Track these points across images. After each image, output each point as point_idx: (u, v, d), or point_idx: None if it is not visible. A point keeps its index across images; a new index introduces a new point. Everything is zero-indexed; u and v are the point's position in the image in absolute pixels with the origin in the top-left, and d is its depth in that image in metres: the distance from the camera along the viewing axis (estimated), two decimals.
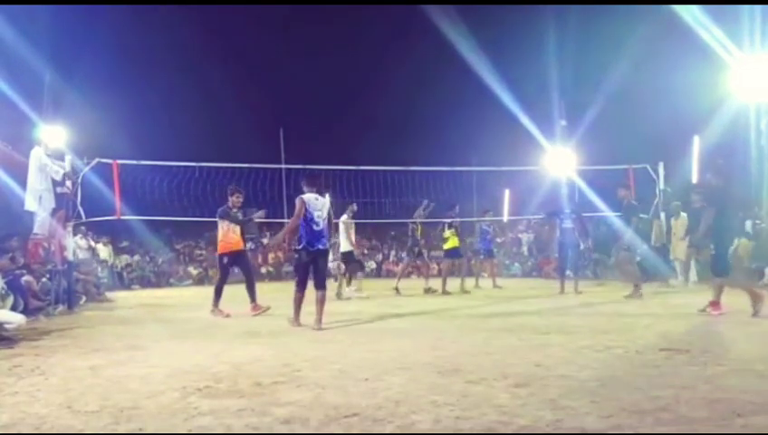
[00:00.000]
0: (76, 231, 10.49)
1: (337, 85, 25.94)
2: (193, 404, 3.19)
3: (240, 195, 8.34)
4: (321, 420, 2.86)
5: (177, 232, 21.49)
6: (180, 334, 6.26)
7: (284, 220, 7.34)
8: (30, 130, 10.62)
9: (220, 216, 8.19)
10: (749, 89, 12.13)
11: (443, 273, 12.30)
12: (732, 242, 7.59)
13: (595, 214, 12.39)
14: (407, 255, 13.90)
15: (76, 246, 10.60)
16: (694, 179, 11.37)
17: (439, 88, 23.66)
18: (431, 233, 13.64)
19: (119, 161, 10.02)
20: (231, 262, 8.32)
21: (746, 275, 11.60)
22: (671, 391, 3.22)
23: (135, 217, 11.86)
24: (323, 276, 6.75)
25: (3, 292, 6.95)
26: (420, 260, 12.96)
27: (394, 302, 10.02)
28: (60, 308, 8.76)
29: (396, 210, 13.23)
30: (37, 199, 9.04)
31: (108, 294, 12.00)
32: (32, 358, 4.80)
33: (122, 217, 10.30)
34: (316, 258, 6.60)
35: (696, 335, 5.25)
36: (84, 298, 10.41)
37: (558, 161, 16.57)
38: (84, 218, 9.84)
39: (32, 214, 9.18)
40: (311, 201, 6.55)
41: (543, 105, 19.28)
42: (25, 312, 7.07)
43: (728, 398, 3.07)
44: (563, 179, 14.80)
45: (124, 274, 18.01)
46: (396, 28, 24.46)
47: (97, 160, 9.74)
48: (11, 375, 4.11)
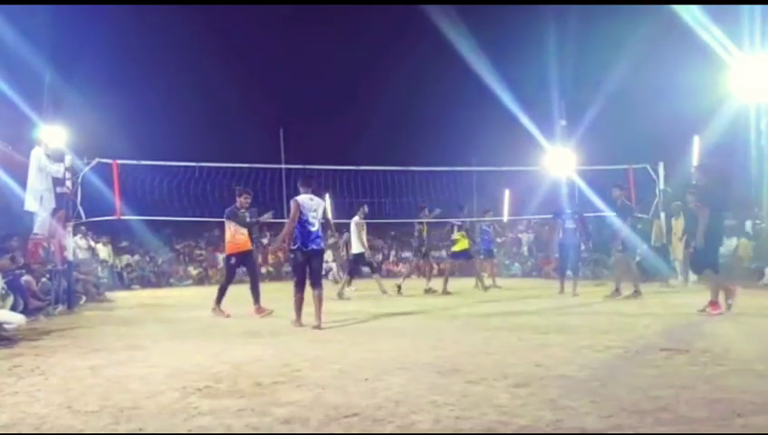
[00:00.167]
0: (76, 231, 10.50)
1: (337, 85, 26.05)
2: (193, 404, 3.19)
3: (248, 196, 8.30)
4: (321, 420, 2.86)
5: (177, 232, 21.49)
6: (180, 334, 6.26)
7: (284, 220, 7.36)
8: (30, 130, 10.63)
9: (228, 216, 8.15)
10: (749, 89, 12.13)
11: (445, 273, 12.31)
12: (720, 241, 7.59)
13: (596, 214, 12.37)
14: (414, 255, 13.92)
15: (76, 246, 10.60)
16: (693, 180, 11.38)
17: (439, 88, 23.66)
18: (434, 233, 13.63)
19: (119, 161, 10.03)
20: (238, 262, 8.30)
21: (745, 276, 11.64)
22: (671, 391, 3.22)
23: (135, 217, 11.86)
24: (319, 276, 6.83)
25: (3, 292, 6.95)
26: (424, 260, 12.98)
27: (394, 302, 10.03)
28: (60, 308, 8.77)
29: (396, 210, 13.21)
30: (38, 199, 9.05)
31: (108, 294, 12.01)
32: (32, 358, 4.80)
33: (122, 217, 10.30)
34: (311, 258, 6.66)
35: (696, 335, 5.24)
36: (84, 298, 10.42)
37: (558, 161, 16.56)
38: (84, 218, 9.84)
39: (32, 214, 9.19)
40: (305, 202, 6.62)
41: (543, 105, 19.28)
42: (25, 312, 7.08)
43: (728, 398, 3.07)
44: (563, 179, 14.79)
45: (124, 274, 18.02)
46: (396, 28, 24.50)
47: (97, 160, 9.75)
48: (11, 375, 4.11)
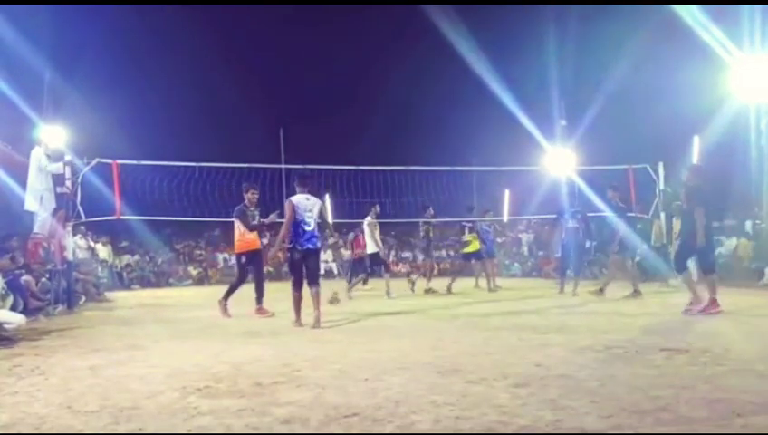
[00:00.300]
0: (76, 231, 10.49)
1: (337, 85, 26.02)
2: (193, 404, 3.19)
3: (255, 191, 8.25)
4: (321, 420, 2.85)
5: (177, 232, 21.51)
6: (180, 334, 6.26)
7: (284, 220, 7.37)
8: (30, 130, 10.65)
9: (236, 216, 8.14)
10: (749, 89, 12.13)
11: (455, 273, 12.31)
12: (710, 242, 7.59)
13: (598, 214, 12.36)
14: (426, 256, 13.89)
15: (76, 246, 10.60)
16: (683, 178, 11.39)
17: (439, 88, 23.70)
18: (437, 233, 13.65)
19: (119, 161, 10.02)
20: (248, 261, 8.24)
21: (745, 276, 11.65)
22: (671, 391, 3.22)
23: (135, 217, 11.85)
24: (316, 274, 6.88)
25: (3, 292, 6.95)
26: (425, 260, 13.01)
27: (394, 302, 10.04)
28: (59, 308, 8.77)
29: (396, 210, 13.19)
30: (38, 199, 9.06)
31: (108, 294, 12.02)
32: (32, 358, 4.80)
33: (122, 217, 10.30)
34: (307, 257, 6.69)
35: (696, 335, 5.24)
36: (84, 298, 10.42)
37: (558, 161, 16.56)
38: (84, 218, 9.84)
39: (32, 214, 9.19)
40: (300, 202, 6.64)
41: (543, 105, 19.28)
42: (25, 312, 7.08)
43: (728, 398, 3.07)
44: (563, 179, 14.79)
45: (124, 274, 18.04)
46: (396, 28, 24.53)
47: (97, 160, 9.75)
48: (11, 375, 4.11)
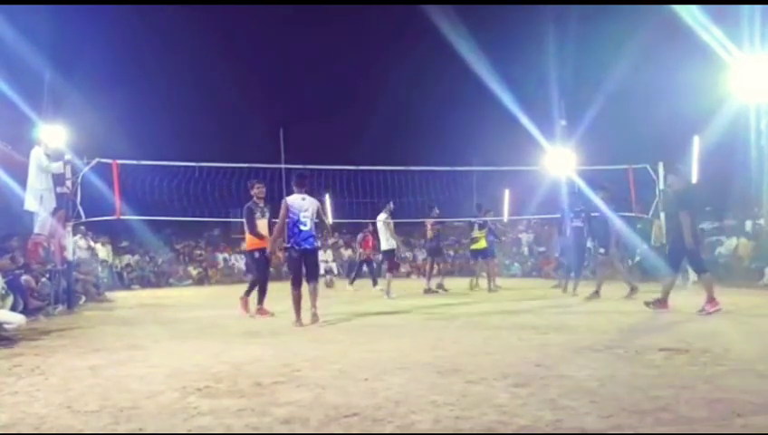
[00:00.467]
0: (75, 231, 10.49)
1: (337, 85, 26.02)
2: (193, 404, 3.19)
3: (261, 185, 8.18)
4: (321, 420, 2.85)
5: (177, 232, 21.49)
6: (180, 334, 6.26)
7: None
8: (30, 130, 10.64)
9: (244, 216, 8.13)
10: (749, 89, 12.13)
11: (484, 271, 12.31)
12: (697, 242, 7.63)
13: (598, 214, 12.34)
14: (438, 256, 13.85)
15: (76, 246, 10.60)
16: (694, 180, 11.38)
17: (439, 88, 23.65)
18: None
19: (119, 161, 10.01)
20: (262, 256, 8.01)
21: (745, 276, 11.64)
22: (671, 391, 3.22)
23: (135, 217, 11.84)
24: (315, 272, 6.95)
25: (3, 292, 6.95)
26: (425, 260, 12.99)
27: (394, 302, 10.04)
28: (59, 308, 8.77)
29: (396, 210, 13.21)
30: (38, 199, 9.05)
31: (108, 294, 12.02)
32: (32, 358, 4.80)
33: (122, 217, 10.29)
34: (305, 257, 6.73)
35: (696, 335, 5.23)
36: (84, 298, 10.42)
37: (558, 161, 16.55)
38: (84, 218, 9.83)
39: (32, 214, 9.19)
40: (295, 202, 6.66)
41: (543, 105, 19.23)
42: (25, 312, 7.08)
43: (728, 398, 3.07)
44: (563, 179, 14.78)
45: (124, 274, 18.04)
46: (395, 28, 24.49)
47: (97, 160, 9.73)
48: (11, 375, 4.11)
